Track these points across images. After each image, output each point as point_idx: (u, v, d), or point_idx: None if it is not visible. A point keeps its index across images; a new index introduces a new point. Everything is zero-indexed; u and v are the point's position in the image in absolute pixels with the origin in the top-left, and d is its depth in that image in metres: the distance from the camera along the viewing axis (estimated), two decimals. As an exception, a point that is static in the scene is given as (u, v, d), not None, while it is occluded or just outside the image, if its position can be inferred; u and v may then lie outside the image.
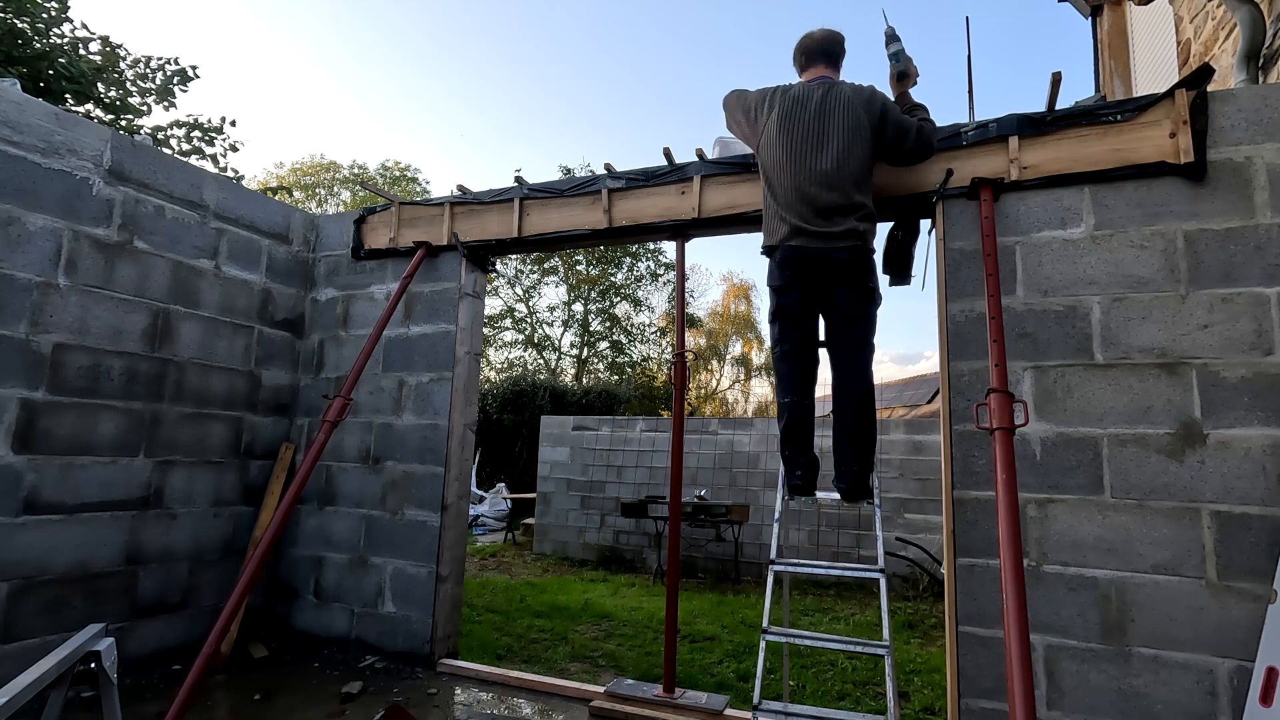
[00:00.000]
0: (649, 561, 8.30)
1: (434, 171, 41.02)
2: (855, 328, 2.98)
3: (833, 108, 3.01)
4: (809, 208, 2.95)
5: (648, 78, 42.87)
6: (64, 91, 6.95)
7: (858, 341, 2.99)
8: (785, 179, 3.01)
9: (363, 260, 4.55)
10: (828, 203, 2.94)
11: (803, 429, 3.07)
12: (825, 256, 2.93)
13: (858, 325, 2.98)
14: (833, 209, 2.94)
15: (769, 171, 3.09)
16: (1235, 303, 2.64)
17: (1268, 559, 2.46)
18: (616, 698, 3.40)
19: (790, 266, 2.98)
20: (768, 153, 3.09)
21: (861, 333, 2.99)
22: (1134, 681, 2.57)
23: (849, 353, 2.99)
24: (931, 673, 4.25)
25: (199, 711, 3.20)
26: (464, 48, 41.40)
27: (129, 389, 3.69)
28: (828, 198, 2.94)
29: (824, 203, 2.94)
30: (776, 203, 3.05)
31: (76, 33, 7.59)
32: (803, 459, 3.07)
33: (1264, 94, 2.73)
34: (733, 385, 27.39)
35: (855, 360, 2.99)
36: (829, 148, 2.96)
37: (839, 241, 2.92)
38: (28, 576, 3.26)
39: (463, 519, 4.21)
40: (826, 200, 2.94)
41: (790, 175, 2.99)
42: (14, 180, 3.26)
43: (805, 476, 3.08)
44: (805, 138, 2.99)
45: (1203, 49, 4.54)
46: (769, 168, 3.08)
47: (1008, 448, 2.32)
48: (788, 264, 2.98)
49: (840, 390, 3.02)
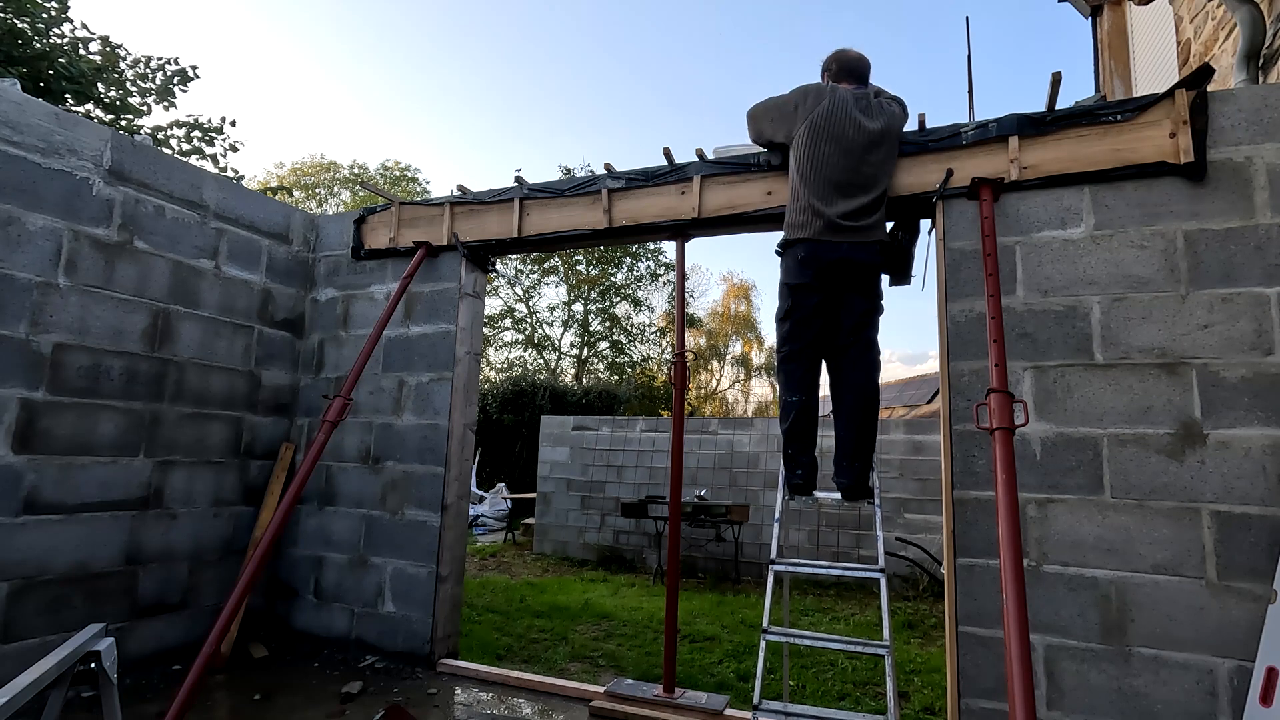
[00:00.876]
0: (649, 561, 8.30)
1: (434, 171, 41.03)
2: (866, 331, 3.04)
3: (877, 114, 3.11)
4: (846, 205, 2.99)
5: (648, 78, 42.87)
6: (64, 91, 6.95)
7: (867, 344, 3.05)
8: (825, 172, 3.03)
9: (363, 260, 4.55)
10: (861, 204, 3.01)
11: (808, 428, 3.10)
12: (849, 259, 2.98)
13: (868, 329, 3.05)
14: (863, 210, 3.01)
15: (804, 164, 3.09)
16: (1235, 303, 2.64)
17: (1268, 559, 2.46)
18: (616, 698, 3.40)
19: (814, 267, 3.00)
20: (806, 147, 3.10)
21: (871, 336, 3.06)
22: (1134, 681, 2.57)
23: (858, 355, 3.04)
24: (931, 673, 4.25)
25: (199, 711, 3.20)
26: (464, 47, 41.40)
27: (129, 389, 3.69)
28: (862, 199, 3.01)
29: (858, 203, 3.00)
30: (811, 195, 3.05)
31: (76, 33, 7.59)
32: (805, 458, 3.10)
33: (1264, 94, 2.73)
34: (733, 385, 27.40)
35: (864, 362, 3.03)
36: (875, 151, 3.06)
37: (869, 236, 3.00)
38: (28, 576, 3.26)
39: (463, 519, 4.21)
40: (860, 201, 3.01)
41: (831, 170, 3.02)
42: (14, 180, 3.26)
43: (806, 476, 3.10)
44: (851, 137, 3.05)
45: (1203, 49, 4.54)
46: (804, 161, 3.09)
47: (1008, 448, 2.32)
48: (810, 264, 3.00)
49: (849, 391, 3.05)
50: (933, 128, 3.22)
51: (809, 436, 3.10)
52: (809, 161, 3.07)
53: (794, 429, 3.08)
